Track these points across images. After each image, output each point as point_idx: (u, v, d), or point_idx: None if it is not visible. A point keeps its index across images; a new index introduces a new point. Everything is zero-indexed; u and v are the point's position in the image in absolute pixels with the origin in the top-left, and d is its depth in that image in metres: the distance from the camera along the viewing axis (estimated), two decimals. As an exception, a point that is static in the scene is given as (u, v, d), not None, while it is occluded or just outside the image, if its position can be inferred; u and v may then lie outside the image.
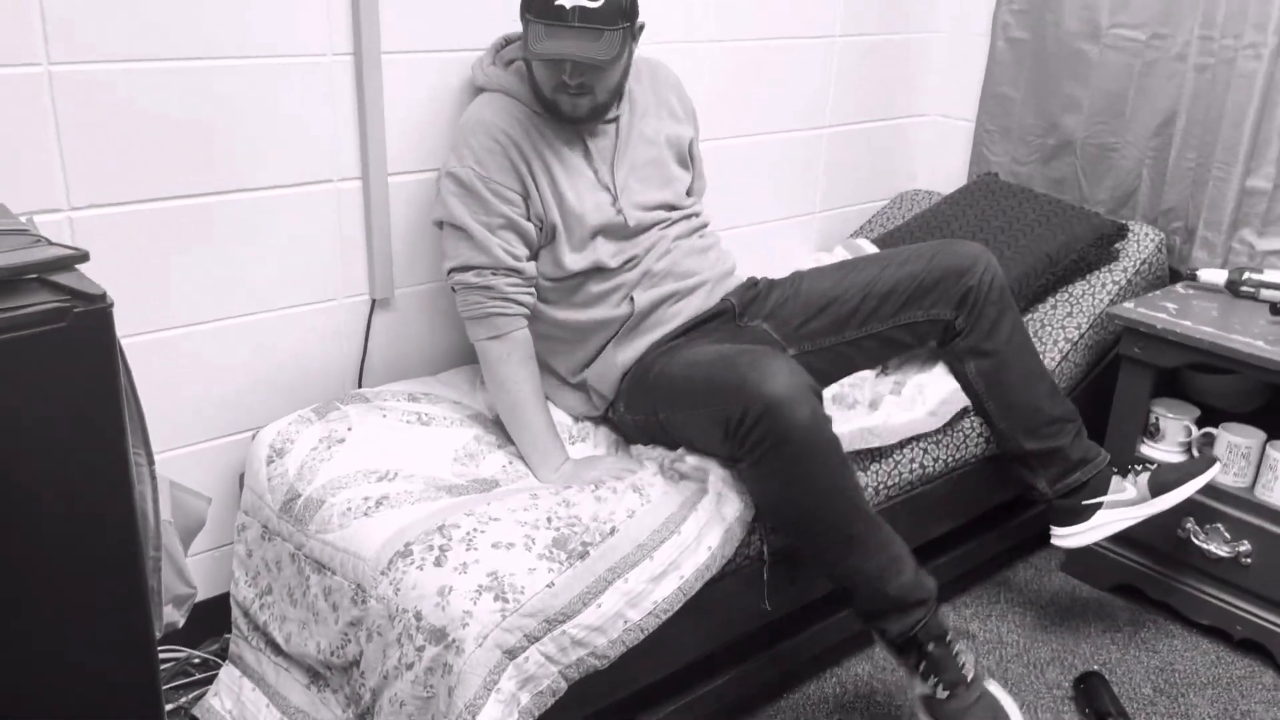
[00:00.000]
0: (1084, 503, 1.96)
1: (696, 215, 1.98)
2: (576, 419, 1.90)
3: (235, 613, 1.78)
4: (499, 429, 1.84)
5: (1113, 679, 1.96)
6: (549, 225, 1.78)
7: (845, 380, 1.99)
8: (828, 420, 1.58)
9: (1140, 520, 1.95)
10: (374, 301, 1.93)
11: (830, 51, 2.50)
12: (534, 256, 1.80)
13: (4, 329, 1.09)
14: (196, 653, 1.87)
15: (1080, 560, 2.28)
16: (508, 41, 1.88)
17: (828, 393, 1.84)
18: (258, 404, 1.85)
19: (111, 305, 1.15)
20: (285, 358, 1.86)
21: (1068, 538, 1.99)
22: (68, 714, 1.22)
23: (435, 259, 1.98)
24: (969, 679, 1.65)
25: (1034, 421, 1.94)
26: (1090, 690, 1.89)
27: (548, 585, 1.42)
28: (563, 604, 1.43)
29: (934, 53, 2.74)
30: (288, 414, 1.81)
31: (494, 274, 1.75)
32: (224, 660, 1.81)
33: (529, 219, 1.77)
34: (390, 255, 1.92)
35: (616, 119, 1.86)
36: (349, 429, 1.75)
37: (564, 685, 1.44)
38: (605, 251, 1.82)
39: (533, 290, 1.80)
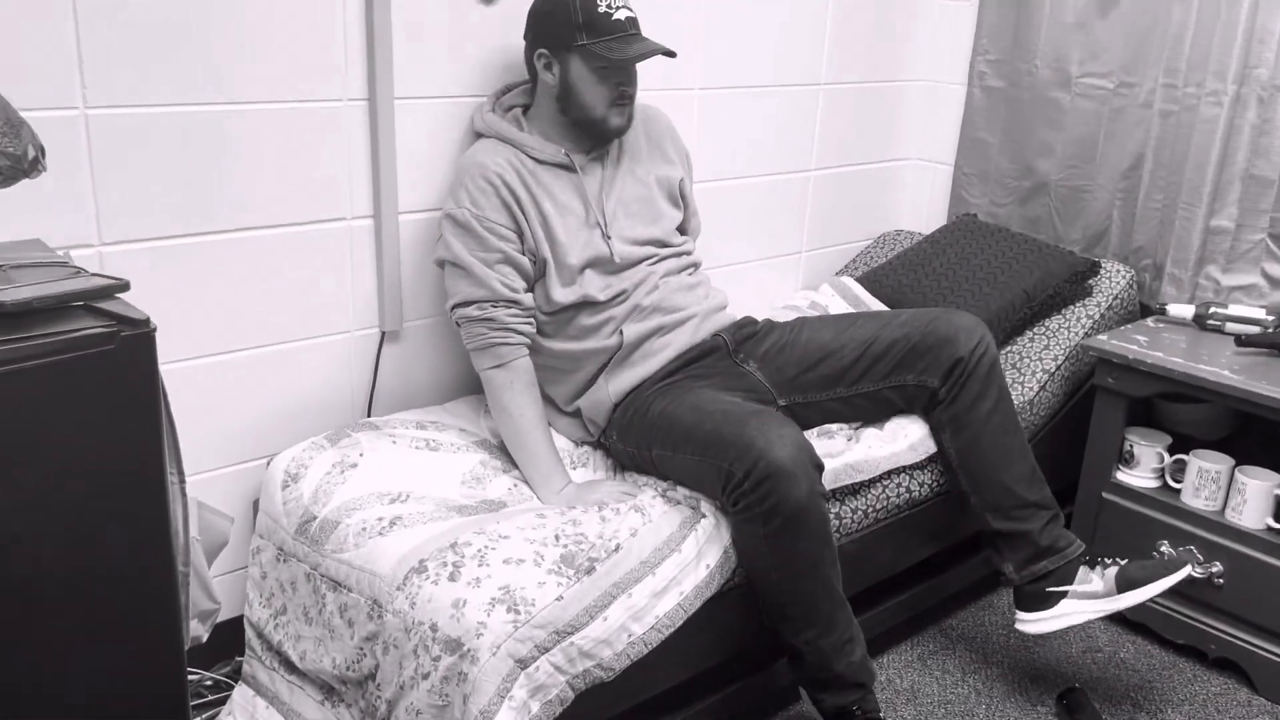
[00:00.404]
0: (1048, 589, 1.93)
1: (687, 254, 2.08)
2: (576, 444, 1.98)
3: (249, 634, 1.84)
4: (503, 454, 1.92)
5: (1094, 696, 2.04)
6: (540, 260, 1.88)
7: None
8: (823, 498, 1.67)
9: (1104, 615, 1.92)
10: (383, 334, 2.02)
11: (816, 99, 2.62)
12: (531, 289, 1.90)
13: (56, 351, 1.18)
14: (209, 674, 1.92)
15: (1061, 584, 2.37)
16: (507, 89, 2.00)
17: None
18: (271, 432, 1.92)
19: (155, 330, 1.23)
20: (298, 387, 1.94)
21: (1031, 623, 1.95)
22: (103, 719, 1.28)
23: (441, 294, 2.07)
24: None
25: (1004, 502, 1.95)
26: (1073, 705, 1.97)
27: (557, 598, 1.50)
28: (571, 616, 1.50)
29: (914, 100, 2.87)
30: (300, 441, 1.88)
31: (494, 306, 1.84)
32: (236, 682, 1.86)
33: (524, 254, 1.87)
34: (399, 290, 2.00)
35: (604, 158, 1.96)
36: (361, 454, 1.83)
37: (571, 695, 1.51)
38: (594, 285, 1.91)
39: (532, 320, 1.89)
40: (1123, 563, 1.93)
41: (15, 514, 1.16)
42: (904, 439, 2.01)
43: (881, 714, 1.81)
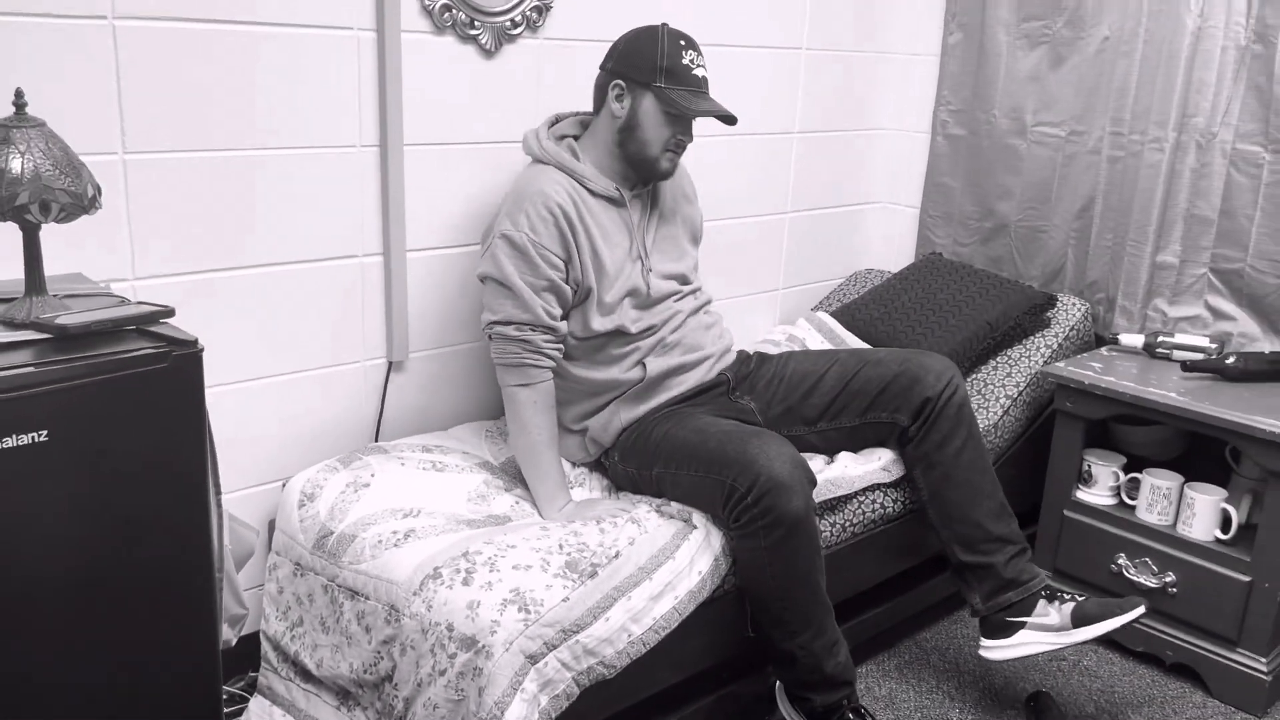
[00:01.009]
0: (1008, 619, 2.04)
1: (700, 290, 2.22)
2: (575, 464, 2.11)
3: (265, 647, 1.94)
4: (505, 474, 2.05)
5: (1059, 700, 2.17)
6: (584, 288, 1.99)
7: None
8: (815, 512, 1.82)
9: (1059, 648, 2.02)
10: (390, 364, 2.15)
11: (791, 147, 2.80)
12: (565, 316, 2.00)
13: (115, 369, 1.32)
14: (226, 688, 2.01)
15: (1028, 598, 2.51)
16: (557, 119, 2.12)
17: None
18: (284, 456, 2.04)
19: (203, 350, 1.36)
20: (311, 414, 2.06)
21: (992, 650, 2.07)
22: (142, 712, 1.39)
23: (446, 326, 2.21)
24: None
25: (972, 537, 2.06)
26: (1040, 708, 2.10)
27: (563, 600, 1.62)
28: (577, 616, 1.62)
29: (881, 147, 3.06)
30: (313, 465, 2.00)
31: (533, 330, 1.94)
32: (252, 695, 1.96)
33: (568, 282, 1.98)
34: (406, 322, 2.14)
35: (644, 195, 2.10)
36: (372, 475, 1.95)
37: (576, 691, 1.62)
38: (628, 317, 2.04)
39: (562, 346, 2.00)
40: (1081, 598, 2.04)
41: (75, 514, 1.28)
42: (876, 460, 2.15)
43: (864, 710, 1.93)
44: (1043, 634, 2.03)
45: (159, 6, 1.70)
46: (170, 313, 1.44)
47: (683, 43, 1.98)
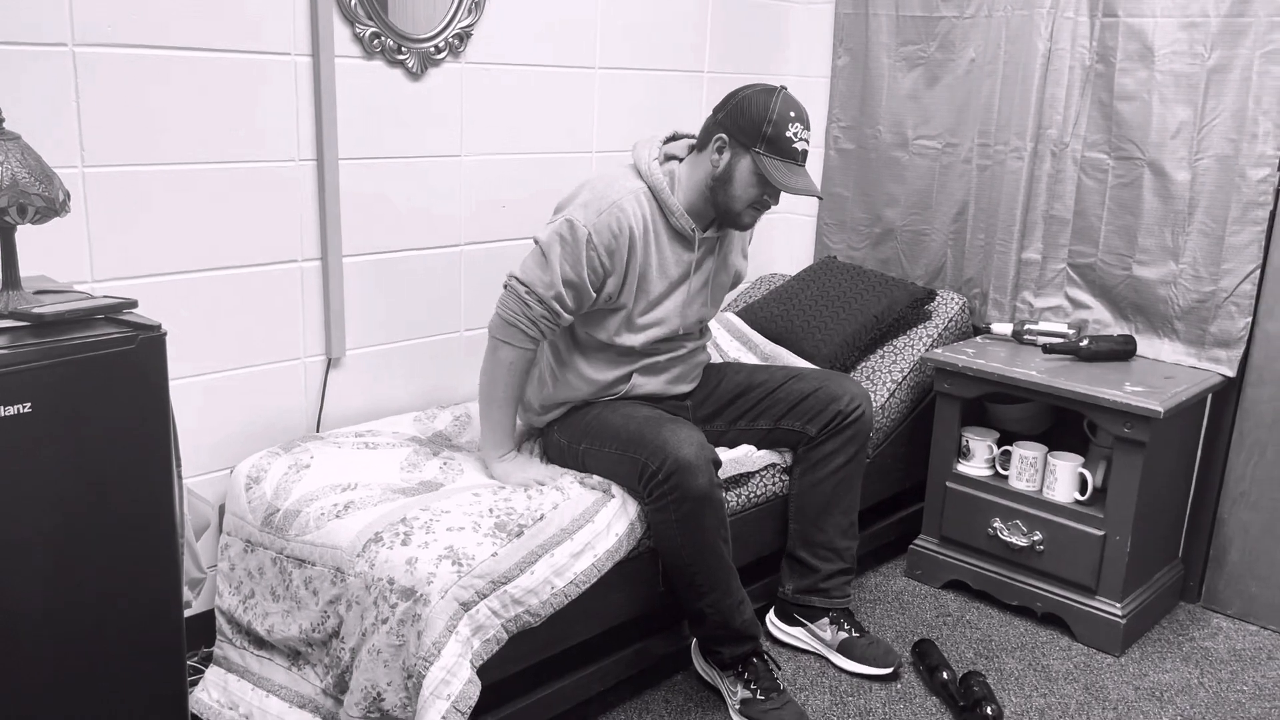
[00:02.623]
0: (795, 615, 2.39)
1: (708, 327, 2.41)
2: (521, 437, 2.34)
3: (220, 620, 2.10)
4: (431, 444, 2.26)
5: (943, 648, 2.42)
6: (619, 303, 2.13)
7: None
8: (720, 488, 2.06)
9: (817, 653, 2.38)
10: (329, 360, 2.33)
11: (696, 160, 3.06)
12: (574, 314, 2.12)
13: (88, 349, 1.50)
14: (180, 661, 2.17)
15: (918, 565, 2.77)
16: (674, 137, 2.24)
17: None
18: (231, 446, 2.21)
19: (166, 334, 1.55)
20: (255, 407, 2.24)
21: (775, 627, 2.43)
22: (115, 658, 1.55)
23: (380, 325, 2.41)
24: (781, 688, 2.14)
25: (815, 540, 2.34)
26: (923, 650, 2.35)
27: (492, 554, 1.83)
28: (504, 569, 1.83)
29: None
30: (257, 452, 2.18)
31: (541, 305, 2.08)
32: (207, 666, 2.12)
33: (597, 292, 2.09)
34: (344, 322, 2.33)
35: (715, 238, 2.23)
36: (311, 458, 2.13)
37: (505, 636, 1.82)
38: (647, 339, 2.18)
39: (555, 330, 2.12)
40: (855, 635, 2.35)
41: (55, 477, 1.46)
42: (777, 452, 2.41)
43: (769, 658, 2.17)
44: (813, 641, 2.40)
45: (115, 35, 1.89)
46: (133, 304, 1.62)
47: (792, 114, 2.06)
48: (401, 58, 2.30)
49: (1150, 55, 2.56)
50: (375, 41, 2.24)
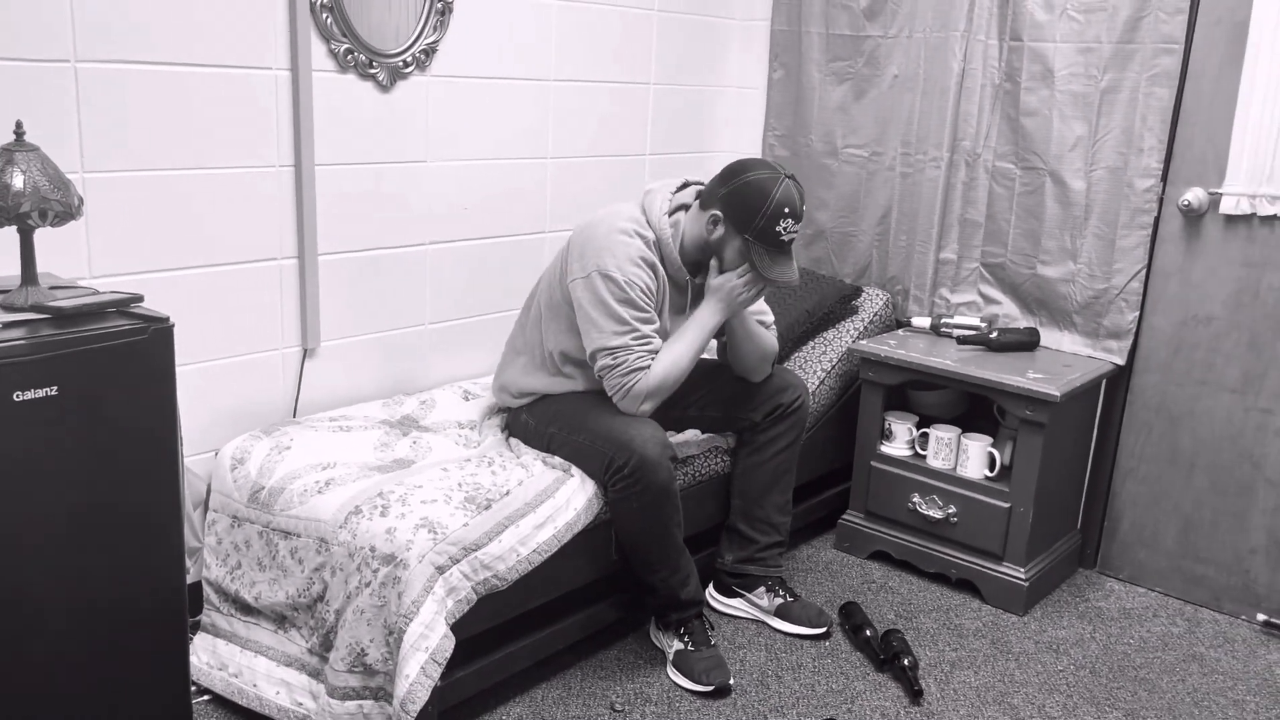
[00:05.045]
0: (734, 586, 2.62)
1: None
2: (490, 411, 2.55)
3: (207, 590, 2.28)
4: (400, 427, 2.47)
5: (867, 610, 2.68)
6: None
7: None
8: (676, 480, 2.28)
9: (760, 621, 2.60)
10: (305, 351, 2.52)
11: (643, 167, 3.28)
12: (656, 321, 2.30)
13: (107, 339, 1.68)
14: (168, 629, 2.34)
15: (846, 537, 3.04)
16: (685, 185, 2.40)
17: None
18: (215, 430, 2.38)
19: (174, 326, 1.73)
20: (237, 394, 2.42)
21: (714, 601, 2.65)
22: (123, 621, 1.73)
23: (353, 318, 2.60)
24: (712, 643, 2.40)
25: (754, 514, 2.57)
26: (849, 612, 2.61)
27: (464, 524, 2.04)
28: (475, 537, 2.04)
29: (719, 167, 3.56)
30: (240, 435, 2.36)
31: (629, 348, 2.24)
32: (195, 634, 2.29)
33: (652, 299, 2.28)
34: (319, 316, 2.51)
35: (699, 284, 2.40)
36: (291, 440, 2.32)
37: (475, 597, 2.03)
38: None
39: (656, 339, 2.29)
40: (790, 600, 2.59)
41: (76, 456, 1.64)
42: (721, 436, 2.65)
43: (706, 620, 2.41)
44: (752, 609, 2.63)
45: (113, 51, 2.06)
46: (140, 299, 1.80)
47: (787, 210, 2.21)
48: (373, 71, 2.49)
49: (1051, 76, 2.84)
50: (349, 57, 2.43)
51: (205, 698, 2.21)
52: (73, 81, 2.02)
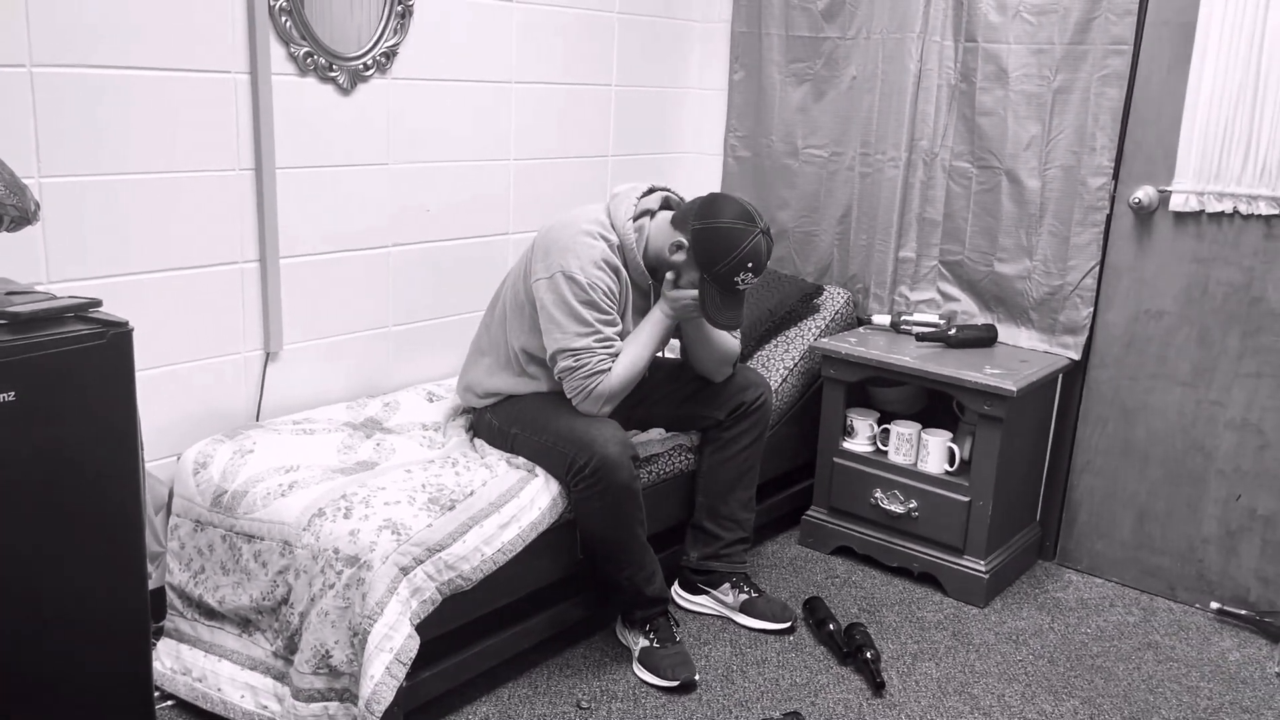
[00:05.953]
0: (699, 584, 2.65)
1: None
2: (454, 412, 2.56)
3: (171, 596, 2.27)
4: (364, 428, 2.47)
5: (831, 605, 2.72)
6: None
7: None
8: (638, 479, 2.30)
9: (726, 618, 2.63)
10: (267, 354, 2.52)
11: (606, 168, 3.30)
12: (619, 323, 2.34)
13: (65, 344, 1.68)
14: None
15: (810, 533, 3.07)
16: (651, 191, 2.43)
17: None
18: (177, 434, 2.38)
19: (133, 330, 1.73)
20: (200, 398, 2.41)
21: (680, 598, 2.68)
22: (84, 626, 1.72)
23: (315, 322, 2.59)
24: (677, 639, 2.42)
25: (718, 511, 2.61)
26: (813, 606, 2.64)
27: (428, 525, 2.04)
28: (439, 538, 2.05)
29: (685, 167, 3.60)
30: (202, 440, 2.35)
31: (591, 349, 2.28)
32: (159, 639, 2.28)
33: (614, 302, 2.32)
34: (281, 319, 2.51)
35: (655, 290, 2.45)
36: (254, 444, 2.32)
37: (439, 598, 2.04)
38: None
39: (617, 343, 2.33)
40: (754, 596, 2.61)
41: (35, 460, 1.63)
42: (684, 434, 2.67)
43: (671, 616, 2.43)
44: (717, 605, 2.65)
45: (70, 56, 2.05)
46: (98, 303, 1.80)
47: (750, 265, 2.27)
48: (333, 75, 2.49)
49: (1005, 77, 2.89)
50: (308, 60, 2.43)
51: (169, 703, 2.20)
52: (28, 86, 2.01)
